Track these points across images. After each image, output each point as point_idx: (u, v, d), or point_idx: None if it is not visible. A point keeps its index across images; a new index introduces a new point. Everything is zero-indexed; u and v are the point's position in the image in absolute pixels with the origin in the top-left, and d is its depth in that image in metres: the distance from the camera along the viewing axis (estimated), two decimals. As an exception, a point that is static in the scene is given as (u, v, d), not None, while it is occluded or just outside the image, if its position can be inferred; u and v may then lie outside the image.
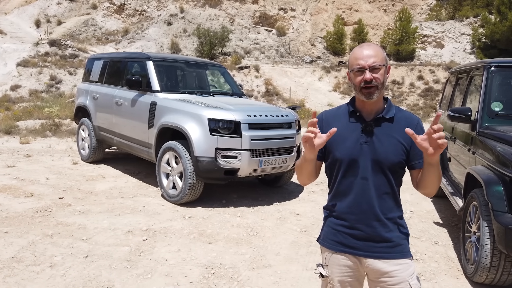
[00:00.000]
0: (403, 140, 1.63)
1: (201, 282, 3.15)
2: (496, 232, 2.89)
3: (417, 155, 1.64)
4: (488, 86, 3.95)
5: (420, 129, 1.66)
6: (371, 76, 1.58)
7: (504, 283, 3.12)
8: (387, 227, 1.65)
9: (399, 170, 1.66)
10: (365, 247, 1.66)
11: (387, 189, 1.65)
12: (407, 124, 1.63)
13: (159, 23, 33.38)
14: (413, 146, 1.62)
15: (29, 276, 3.13)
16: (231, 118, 4.77)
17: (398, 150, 1.63)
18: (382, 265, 1.64)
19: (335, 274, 1.73)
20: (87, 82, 7.44)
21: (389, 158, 1.62)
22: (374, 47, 1.64)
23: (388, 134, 1.63)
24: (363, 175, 1.63)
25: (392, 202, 1.67)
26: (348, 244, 1.68)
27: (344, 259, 1.71)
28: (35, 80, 20.82)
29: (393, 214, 1.67)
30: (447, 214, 5.07)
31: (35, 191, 5.28)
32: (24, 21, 34.40)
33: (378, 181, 1.63)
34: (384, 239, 1.64)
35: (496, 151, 3.26)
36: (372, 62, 1.59)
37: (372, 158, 1.62)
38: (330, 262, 1.74)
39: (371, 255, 1.65)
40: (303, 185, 1.87)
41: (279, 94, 23.91)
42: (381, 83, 1.61)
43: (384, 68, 1.62)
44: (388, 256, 1.64)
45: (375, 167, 1.63)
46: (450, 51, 30.87)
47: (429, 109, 22.63)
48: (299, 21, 35.78)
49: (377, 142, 1.63)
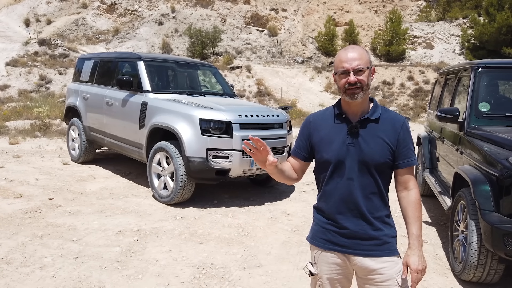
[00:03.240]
0: (388, 141, 1.66)
1: (192, 282, 3.15)
2: (483, 231, 2.94)
3: (402, 155, 1.68)
4: (475, 87, 4.01)
5: (405, 129, 1.69)
6: (355, 79, 1.62)
7: (491, 280, 3.18)
8: (374, 226, 1.68)
9: (385, 170, 1.69)
10: (353, 245, 1.69)
11: (373, 189, 1.68)
12: (393, 125, 1.67)
13: (150, 23, 33.23)
14: (399, 147, 1.66)
15: (18, 277, 3.11)
16: (223, 118, 4.77)
17: (384, 150, 1.65)
18: (370, 262, 1.67)
19: (324, 272, 1.76)
20: (77, 82, 7.39)
21: (375, 159, 1.64)
22: (358, 49, 1.67)
23: (374, 134, 1.66)
24: (349, 176, 1.67)
25: (379, 201, 1.70)
26: (336, 242, 1.71)
27: (333, 257, 1.74)
28: (25, 80, 20.59)
29: (380, 213, 1.70)
30: (436, 213, 5.13)
31: (25, 192, 5.24)
32: (13, 20, 34.01)
33: (365, 182, 1.66)
34: (372, 237, 1.67)
35: (483, 151, 3.32)
36: (356, 65, 1.62)
37: (358, 159, 1.65)
38: (319, 260, 1.78)
39: (359, 253, 1.68)
40: (289, 185, 1.97)
41: (270, 94, 23.94)
42: (365, 85, 1.64)
43: (368, 71, 1.65)
44: (376, 254, 1.67)
45: (361, 168, 1.65)
46: (440, 52, 31.19)
47: (419, 109, 22.84)
48: (291, 21, 35.87)
49: (363, 143, 1.65)
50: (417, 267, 1.64)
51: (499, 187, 2.94)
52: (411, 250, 1.67)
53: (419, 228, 1.67)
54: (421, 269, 1.65)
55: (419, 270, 1.64)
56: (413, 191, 1.71)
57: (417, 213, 1.68)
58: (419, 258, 1.65)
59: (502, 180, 2.90)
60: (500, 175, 2.92)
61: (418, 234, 1.66)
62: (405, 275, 1.67)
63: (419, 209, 1.70)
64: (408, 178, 1.71)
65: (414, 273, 1.65)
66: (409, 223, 1.69)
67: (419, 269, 1.64)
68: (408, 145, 1.68)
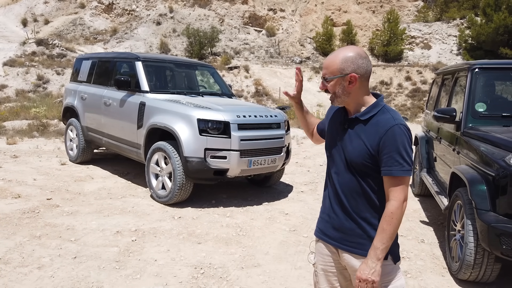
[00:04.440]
0: (368, 145, 1.60)
1: (191, 282, 3.16)
2: (480, 230, 2.96)
3: (382, 162, 1.58)
4: (472, 87, 4.03)
5: (390, 136, 1.56)
6: (322, 86, 1.70)
7: (487, 280, 3.20)
8: (359, 225, 1.66)
9: (369, 172, 1.62)
10: (339, 238, 1.71)
11: (357, 189, 1.65)
12: (376, 129, 1.60)
13: (148, 23, 33.20)
14: (380, 153, 1.58)
15: (16, 277, 3.11)
16: (221, 118, 4.78)
17: (362, 152, 1.61)
18: (357, 262, 1.67)
19: (319, 262, 1.83)
20: (75, 82, 7.38)
21: (353, 159, 1.64)
22: (332, 57, 1.65)
23: (357, 135, 1.65)
24: (336, 170, 1.72)
25: (365, 203, 1.65)
26: (325, 232, 1.77)
27: (324, 248, 1.80)
28: (22, 80, 20.56)
29: (366, 214, 1.65)
30: (433, 213, 5.15)
31: (23, 192, 5.23)
32: (11, 20, 33.93)
33: (349, 180, 1.67)
34: (356, 235, 1.67)
35: (479, 151, 3.34)
36: (323, 73, 1.68)
37: (343, 156, 1.69)
38: (316, 249, 1.85)
39: (343, 247, 1.70)
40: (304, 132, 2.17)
41: (268, 94, 23.96)
42: (333, 93, 1.67)
43: (337, 80, 1.63)
44: (359, 252, 1.66)
45: (346, 165, 1.68)
46: (437, 52, 31.29)
47: (416, 109, 22.93)
48: (289, 21, 35.90)
49: (348, 141, 1.67)
50: (361, 275, 1.56)
51: (495, 187, 2.95)
52: (366, 259, 1.59)
53: (380, 240, 1.55)
54: (364, 279, 1.55)
55: (363, 279, 1.56)
56: (390, 203, 1.57)
57: (385, 225, 1.56)
58: (369, 269, 1.55)
59: (499, 180, 2.92)
60: (497, 175, 2.94)
61: (378, 246, 1.55)
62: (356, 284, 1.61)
63: (389, 222, 1.56)
64: (389, 188, 1.58)
65: (356, 280, 1.58)
66: (376, 233, 1.61)
67: (363, 278, 1.56)
68: (390, 152, 1.55)
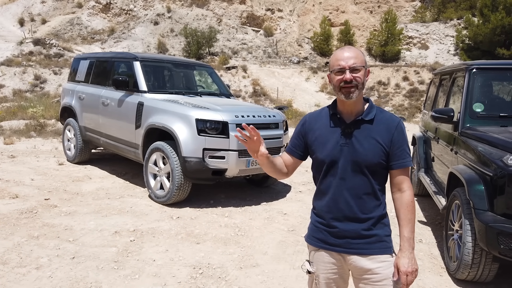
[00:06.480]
0: (382, 141, 1.66)
1: (189, 282, 3.16)
2: (477, 230, 2.97)
3: (395, 156, 1.68)
4: (470, 87, 4.04)
5: (400, 130, 1.68)
6: (351, 76, 1.63)
7: (485, 279, 3.21)
8: (365, 225, 1.68)
9: (379, 170, 1.69)
10: (343, 244, 1.70)
11: (366, 189, 1.68)
12: (387, 126, 1.68)
13: (145, 23, 33.15)
14: (392, 148, 1.66)
15: (15, 278, 3.10)
16: (219, 118, 4.78)
17: (377, 151, 1.66)
18: (365, 262, 1.68)
19: (320, 271, 1.78)
20: (73, 82, 7.36)
21: (368, 160, 1.65)
22: (354, 49, 1.69)
23: (367, 135, 1.67)
24: (342, 176, 1.68)
25: (373, 201, 1.70)
26: (327, 241, 1.74)
27: (328, 256, 1.76)
28: (19, 80, 20.49)
29: (373, 213, 1.69)
30: (431, 212, 5.17)
31: (20, 192, 5.22)
32: (8, 19, 33.80)
33: (358, 182, 1.67)
34: (362, 236, 1.68)
35: (477, 151, 3.35)
36: (352, 63, 1.64)
37: (351, 160, 1.66)
38: (315, 259, 1.80)
39: (351, 251, 1.70)
40: (278, 179, 2.04)
41: (266, 94, 23.98)
42: (361, 83, 1.65)
43: (364, 70, 1.66)
44: (367, 252, 1.68)
45: (354, 168, 1.67)
46: (435, 53, 31.37)
47: (414, 109, 22.98)
48: (286, 21, 35.92)
49: (356, 143, 1.66)
50: (406, 269, 1.62)
51: (493, 187, 2.97)
52: (402, 252, 1.66)
53: (410, 230, 1.65)
54: (410, 271, 1.63)
55: (409, 272, 1.62)
56: (407, 193, 1.69)
57: (410, 215, 1.67)
58: (409, 260, 1.63)
59: (496, 180, 2.93)
60: (494, 174, 2.95)
61: (410, 236, 1.65)
62: (396, 277, 1.66)
63: (412, 211, 1.68)
64: (402, 180, 1.69)
65: (403, 276, 1.63)
66: (401, 225, 1.68)
67: (409, 271, 1.62)
68: (402, 146, 1.67)
